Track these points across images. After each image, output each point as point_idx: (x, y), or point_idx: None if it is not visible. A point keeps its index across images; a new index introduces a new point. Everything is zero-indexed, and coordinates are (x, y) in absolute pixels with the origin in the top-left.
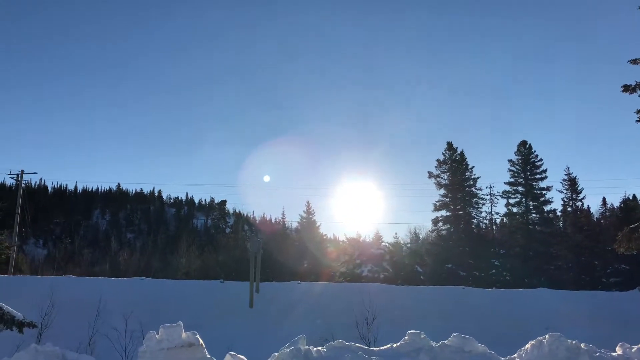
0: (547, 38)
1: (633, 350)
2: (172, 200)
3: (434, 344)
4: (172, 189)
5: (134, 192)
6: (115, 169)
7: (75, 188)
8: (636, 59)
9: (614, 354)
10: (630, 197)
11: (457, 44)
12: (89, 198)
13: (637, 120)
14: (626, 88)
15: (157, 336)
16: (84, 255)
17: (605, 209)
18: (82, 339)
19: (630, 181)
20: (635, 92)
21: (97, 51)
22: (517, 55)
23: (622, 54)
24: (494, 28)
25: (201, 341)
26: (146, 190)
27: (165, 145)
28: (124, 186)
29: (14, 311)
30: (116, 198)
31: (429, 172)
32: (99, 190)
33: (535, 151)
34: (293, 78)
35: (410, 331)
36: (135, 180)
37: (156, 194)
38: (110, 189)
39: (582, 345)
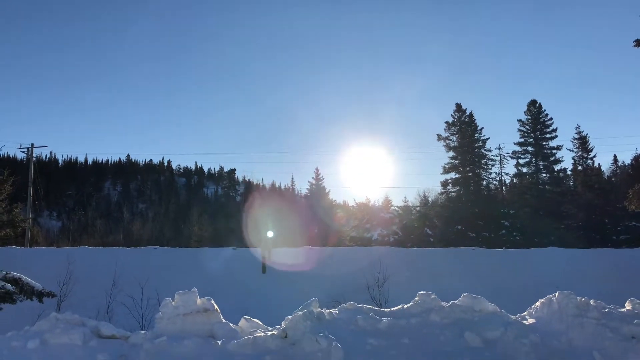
0: None
1: None
2: (181, 170)
3: (444, 304)
4: (182, 159)
5: (143, 162)
6: (124, 140)
7: (85, 160)
8: None
9: (623, 309)
10: None
11: (465, 3)
12: (100, 170)
13: None
14: (638, 43)
15: (173, 303)
16: (97, 226)
17: (617, 166)
18: (100, 307)
19: None
20: None
21: (101, 20)
22: (526, 13)
23: (634, 8)
24: None
25: (216, 306)
26: (156, 160)
27: (173, 115)
28: (133, 157)
29: (33, 282)
30: (126, 169)
31: (437, 134)
32: (109, 161)
33: (545, 110)
34: (302, 42)
35: (420, 292)
36: (144, 151)
37: (166, 164)
38: (120, 160)
39: (592, 301)
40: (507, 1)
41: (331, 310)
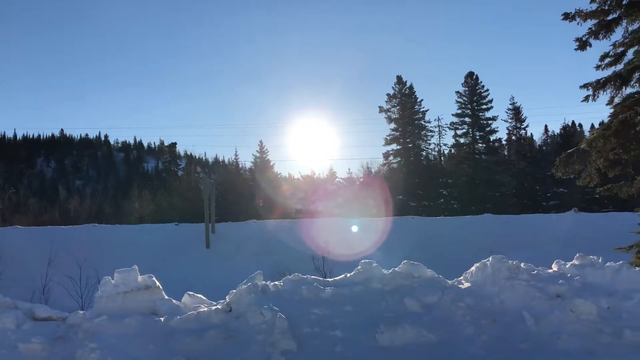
0: None
1: (567, 266)
2: (120, 145)
3: (385, 271)
4: (120, 133)
5: (79, 137)
6: (57, 114)
7: (14, 135)
8: None
9: (550, 270)
10: (570, 124)
11: None
12: (31, 145)
13: (575, 49)
14: (566, 16)
15: (113, 281)
16: (31, 205)
17: (547, 136)
18: (35, 289)
19: (571, 108)
20: (575, 19)
21: None
22: None
23: None
24: None
25: (158, 283)
26: (92, 135)
27: (110, 87)
28: (68, 132)
29: None
30: (61, 144)
31: (379, 106)
32: (42, 137)
33: (481, 82)
34: (244, 14)
35: (363, 260)
36: (80, 125)
37: (103, 138)
38: (53, 135)
39: (522, 264)
40: None
41: (276, 283)
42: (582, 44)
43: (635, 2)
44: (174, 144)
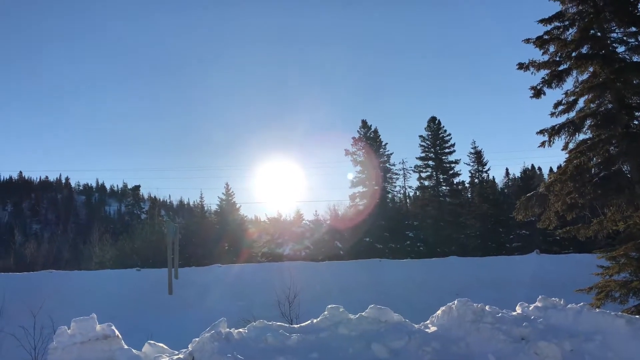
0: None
1: (530, 308)
2: (81, 187)
3: (352, 316)
4: (81, 176)
5: (38, 180)
6: (15, 157)
7: None
8: (528, 39)
9: (514, 313)
10: (530, 168)
11: (367, 21)
12: None
13: (531, 96)
14: (521, 66)
15: (69, 331)
16: None
17: (508, 179)
18: None
19: (529, 152)
20: (529, 69)
21: None
22: (424, 39)
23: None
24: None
25: (117, 332)
26: (52, 177)
27: (71, 129)
28: (26, 174)
29: None
30: (18, 187)
31: (345, 149)
32: None
33: (444, 126)
34: (211, 56)
35: (329, 306)
36: (39, 168)
37: (63, 181)
38: (11, 177)
39: (487, 307)
40: (409, 21)
41: (240, 330)
42: (537, 92)
43: (584, 55)
44: (137, 187)
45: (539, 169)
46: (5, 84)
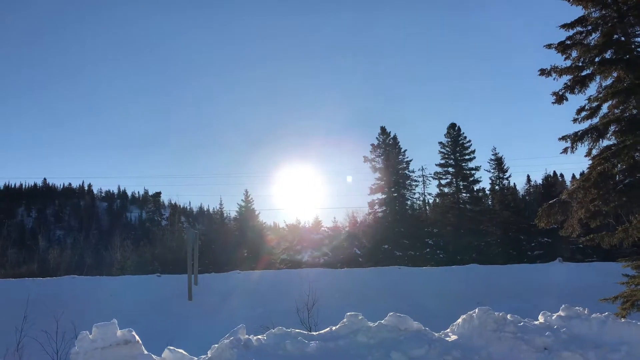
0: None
1: (553, 317)
2: (103, 194)
3: (371, 324)
4: (104, 183)
5: (61, 187)
6: (40, 163)
7: None
8: (550, 44)
9: (536, 322)
10: (552, 174)
11: (386, 37)
12: (12, 195)
13: (553, 102)
14: (542, 72)
15: (90, 336)
16: (9, 257)
17: (530, 186)
18: (9, 345)
19: (552, 159)
20: (551, 75)
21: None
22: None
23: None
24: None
25: (137, 338)
26: (75, 184)
27: (95, 137)
28: (50, 181)
29: None
30: (42, 194)
31: (364, 156)
32: (23, 186)
33: (463, 133)
34: (229, 64)
35: (348, 313)
36: (63, 174)
37: (86, 188)
38: (35, 184)
39: (509, 316)
40: (427, 27)
41: (259, 337)
42: (559, 98)
43: (608, 60)
44: (158, 194)
45: (561, 175)
46: (29, 92)
